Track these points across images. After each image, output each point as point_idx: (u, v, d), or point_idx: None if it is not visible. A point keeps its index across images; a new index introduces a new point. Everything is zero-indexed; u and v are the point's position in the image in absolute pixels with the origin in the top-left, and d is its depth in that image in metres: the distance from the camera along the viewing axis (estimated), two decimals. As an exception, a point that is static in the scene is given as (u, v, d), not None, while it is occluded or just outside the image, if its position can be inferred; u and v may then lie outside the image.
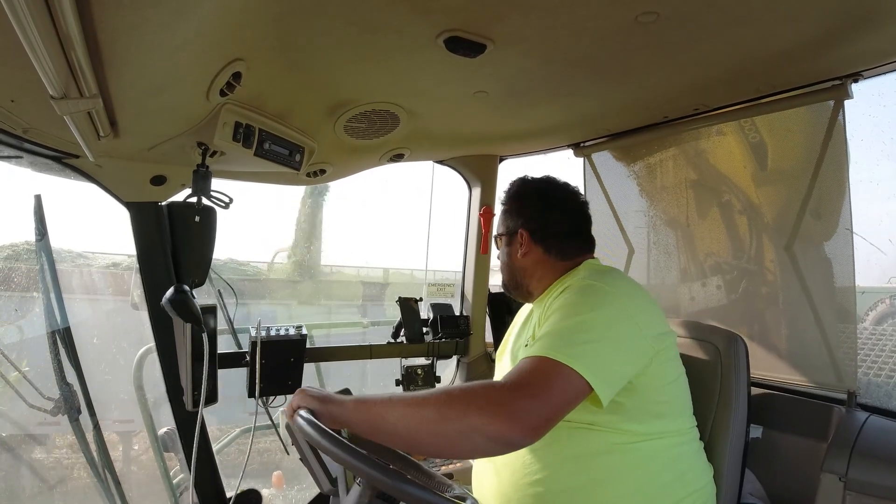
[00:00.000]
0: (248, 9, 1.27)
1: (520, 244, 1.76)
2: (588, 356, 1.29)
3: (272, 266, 13.48)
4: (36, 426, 3.48)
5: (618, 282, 1.51)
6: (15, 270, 4.19)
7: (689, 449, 1.55)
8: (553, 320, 1.40)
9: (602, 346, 1.33)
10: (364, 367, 4.78)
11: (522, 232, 1.76)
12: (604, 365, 1.31)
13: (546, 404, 1.23)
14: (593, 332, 1.34)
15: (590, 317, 1.37)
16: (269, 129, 1.90)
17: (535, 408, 1.22)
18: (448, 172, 3.16)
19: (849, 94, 1.89)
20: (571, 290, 1.49)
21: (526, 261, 1.76)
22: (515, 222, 1.79)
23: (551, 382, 1.25)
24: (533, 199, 1.80)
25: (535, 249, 1.75)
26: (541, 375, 1.26)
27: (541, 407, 1.23)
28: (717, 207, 2.50)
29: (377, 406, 1.29)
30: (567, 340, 1.31)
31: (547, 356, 1.28)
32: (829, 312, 2.07)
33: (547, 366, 1.27)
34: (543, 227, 1.75)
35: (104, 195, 2.06)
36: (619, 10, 1.42)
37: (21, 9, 0.76)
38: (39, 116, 1.46)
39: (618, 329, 1.39)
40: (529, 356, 1.31)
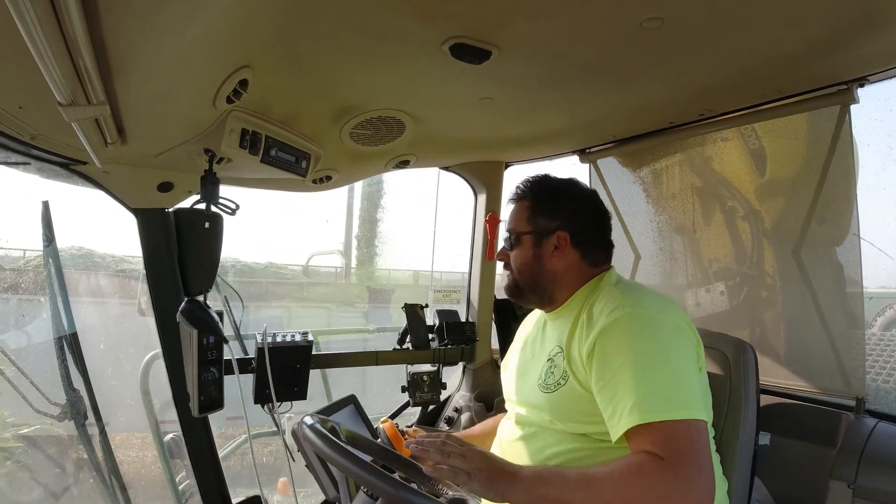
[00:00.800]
0: (255, 16, 1.27)
1: (555, 246, 1.66)
2: (694, 397, 1.33)
3: (307, 269, 13.54)
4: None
5: (660, 304, 1.49)
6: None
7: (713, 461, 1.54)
8: (633, 371, 1.34)
9: (691, 379, 1.36)
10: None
11: (561, 234, 1.65)
12: (693, 394, 1.34)
13: (707, 466, 1.26)
14: (682, 371, 1.36)
15: (669, 357, 1.37)
16: (276, 135, 1.90)
17: (708, 478, 1.24)
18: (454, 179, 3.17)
19: (855, 99, 1.89)
20: (624, 326, 1.41)
21: (559, 265, 1.66)
22: (550, 222, 1.67)
23: (700, 444, 1.27)
24: (568, 198, 1.70)
25: (571, 253, 1.66)
26: (689, 442, 1.27)
27: (705, 473, 1.25)
28: (723, 213, 2.49)
29: (552, 492, 1.27)
30: (674, 393, 1.31)
31: (673, 419, 1.28)
32: (836, 318, 2.06)
33: (682, 429, 1.28)
34: (581, 230, 1.67)
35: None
36: (623, 16, 1.42)
37: (29, 15, 0.77)
38: (47, 123, 1.47)
39: (688, 354, 1.42)
40: (652, 422, 1.28)
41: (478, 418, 2.96)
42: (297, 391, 2.45)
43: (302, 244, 24.36)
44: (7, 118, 1.40)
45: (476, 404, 3.06)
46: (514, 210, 1.75)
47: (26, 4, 0.74)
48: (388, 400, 3.40)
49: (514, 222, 1.73)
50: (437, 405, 3.11)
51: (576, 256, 1.66)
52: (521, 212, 1.72)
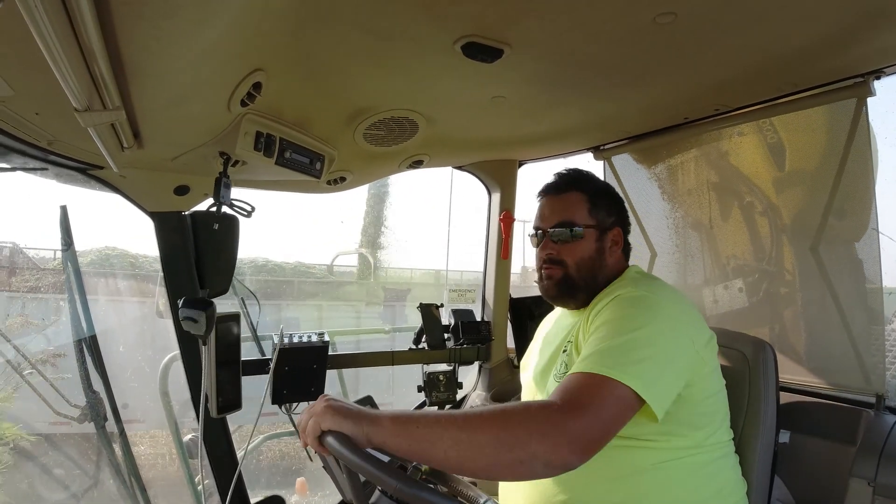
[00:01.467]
0: (267, 19, 1.28)
1: (612, 241, 1.67)
2: (641, 372, 1.25)
3: (332, 268, 13.67)
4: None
5: (665, 291, 1.48)
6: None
7: (727, 462, 1.52)
8: (603, 334, 1.34)
9: (655, 360, 1.29)
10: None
11: (618, 230, 1.68)
12: (656, 379, 1.27)
13: (599, 422, 1.19)
14: (647, 347, 1.30)
15: (642, 333, 1.33)
16: (290, 137, 1.92)
17: (590, 427, 1.18)
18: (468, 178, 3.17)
19: (871, 92, 1.86)
20: (621, 301, 1.43)
21: (613, 260, 1.66)
22: (610, 218, 1.67)
23: (605, 399, 1.21)
24: (618, 200, 1.73)
25: (618, 250, 1.68)
26: (593, 392, 1.21)
27: (595, 426, 1.18)
28: (739, 209, 2.47)
29: (421, 428, 1.16)
30: (620, 357, 1.27)
31: (598, 372, 1.23)
32: (856, 314, 2.03)
33: (599, 382, 1.23)
34: (625, 229, 1.71)
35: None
36: (636, 12, 1.41)
37: (43, 23, 0.78)
38: (64, 128, 1.48)
39: (670, 342, 1.35)
40: (579, 371, 1.26)
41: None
42: (314, 391, 2.46)
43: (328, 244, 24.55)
44: (24, 124, 1.41)
45: (492, 403, 3.06)
46: (565, 201, 1.67)
47: (41, 12, 0.75)
48: (404, 400, 3.41)
49: (571, 214, 1.65)
50: (454, 405, 3.11)
51: (620, 254, 1.69)
52: (577, 203, 1.66)
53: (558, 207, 1.67)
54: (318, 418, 1.17)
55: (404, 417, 1.18)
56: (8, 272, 6.54)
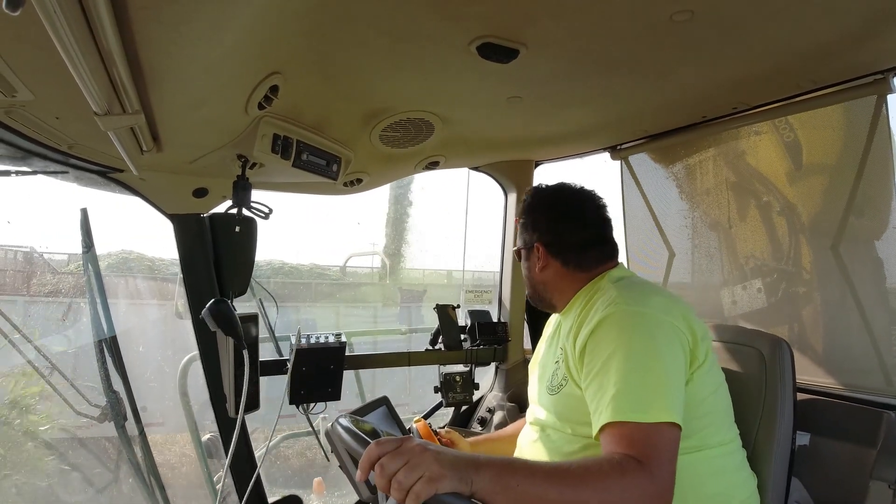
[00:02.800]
0: (283, 23, 1.29)
1: (537, 258, 1.72)
2: (671, 400, 1.29)
3: (344, 269, 13.76)
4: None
5: (651, 300, 1.46)
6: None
7: (732, 460, 1.51)
8: (615, 368, 1.33)
9: (672, 382, 1.33)
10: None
11: (538, 245, 1.71)
12: (679, 399, 1.32)
13: (673, 469, 1.25)
14: (662, 374, 1.32)
15: (650, 358, 1.34)
16: (307, 140, 1.93)
17: (670, 478, 1.23)
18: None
19: (891, 89, 1.84)
20: (611, 323, 1.41)
21: (545, 275, 1.72)
22: (531, 236, 1.74)
23: (668, 446, 1.26)
24: (546, 210, 1.75)
25: (552, 263, 1.70)
26: (657, 444, 1.25)
27: (671, 475, 1.24)
28: (759, 208, 2.44)
29: (522, 485, 1.15)
30: (651, 394, 1.29)
31: (648, 421, 1.26)
32: (877, 314, 2.00)
33: (656, 432, 1.26)
34: (559, 239, 1.70)
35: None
36: (652, 9, 1.40)
37: (63, 29, 0.79)
38: (84, 132, 1.50)
39: (673, 356, 1.37)
40: (627, 421, 1.27)
41: (510, 419, 2.95)
42: (331, 392, 2.47)
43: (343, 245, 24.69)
44: (45, 128, 1.43)
45: (509, 404, 3.05)
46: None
47: (60, 18, 0.76)
48: (422, 401, 3.41)
49: (516, 242, 1.84)
50: (470, 406, 3.11)
51: (557, 265, 1.70)
52: (517, 230, 1.83)
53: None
54: (436, 483, 1.09)
55: (505, 470, 1.17)
56: (25, 276, 6.64)
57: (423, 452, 1.11)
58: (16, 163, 1.70)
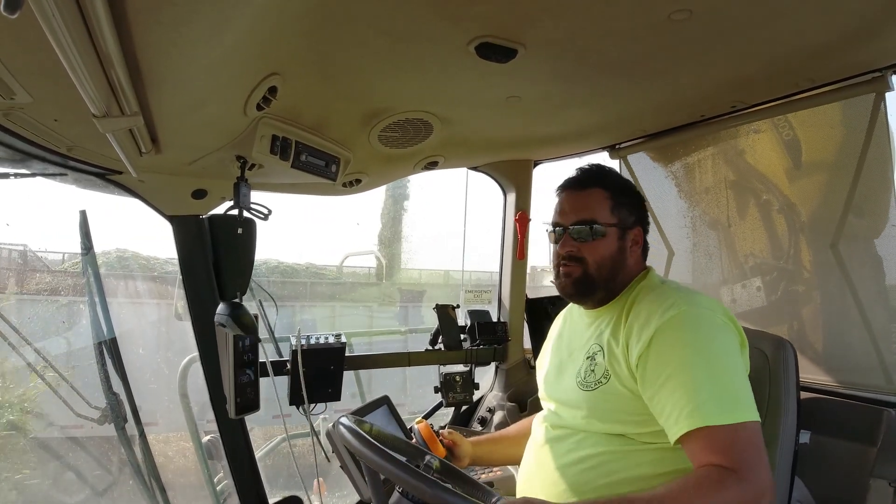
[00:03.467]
0: (282, 24, 1.29)
1: (633, 241, 1.64)
2: (749, 399, 1.33)
3: (341, 269, 13.76)
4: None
5: (701, 303, 1.46)
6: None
7: None
8: (692, 373, 1.33)
9: (745, 380, 1.37)
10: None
11: (638, 230, 1.66)
12: (752, 396, 1.35)
13: (765, 465, 1.27)
14: (737, 374, 1.36)
15: (726, 362, 1.36)
16: (306, 140, 1.93)
17: (765, 475, 1.26)
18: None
19: (890, 87, 1.84)
20: (681, 326, 1.40)
21: (628, 259, 1.63)
22: (631, 217, 1.64)
23: (756, 442, 1.29)
24: (639, 199, 1.71)
25: (639, 251, 1.67)
26: (746, 442, 1.27)
27: (766, 471, 1.26)
28: (758, 207, 2.44)
29: None
30: (733, 397, 1.32)
31: (735, 422, 1.28)
32: (877, 312, 2.01)
33: (741, 431, 1.28)
34: (645, 229, 1.70)
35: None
36: (651, 9, 1.40)
37: (61, 31, 0.79)
38: (82, 134, 1.50)
39: (738, 356, 1.41)
40: (716, 425, 1.28)
41: (511, 418, 2.95)
42: (332, 392, 2.47)
43: (340, 245, 24.68)
44: (44, 131, 1.43)
45: (509, 404, 3.05)
46: (587, 198, 1.63)
47: (58, 20, 0.76)
48: (423, 401, 3.41)
49: (593, 212, 1.61)
50: (470, 405, 3.11)
51: (639, 254, 1.68)
52: (600, 201, 1.62)
53: (579, 204, 1.62)
54: None
55: None
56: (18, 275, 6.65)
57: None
58: (14, 165, 1.70)
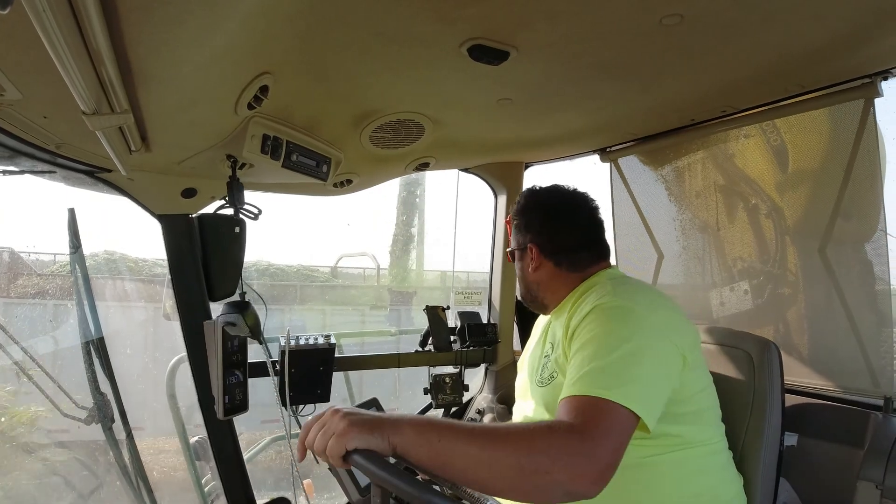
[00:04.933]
0: (274, 23, 1.29)
1: (531, 259, 1.74)
2: (637, 392, 1.26)
3: (336, 270, 13.69)
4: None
5: (644, 298, 1.47)
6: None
7: (718, 460, 1.52)
8: (592, 350, 1.34)
9: (647, 376, 1.30)
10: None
11: (531, 247, 1.74)
12: (649, 395, 1.29)
13: (615, 449, 1.20)
14: (638, 364, 1.31)
15: (631, 347, 1.32)
16: (297, 140, 1.92)
17: (611, 456, 1.18)
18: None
19: (879, 92, 1.86)
20: (602, 312, 1.42)
21: (538, 275, 1.74)
22: (524, 237, 1.77)
23: (614, 425, 1.22)
24: (539, 212, 1.77)
25: (545, 263, 1.72)
26: (604, 418, 1.22)
27: (614, 454, 1.19)
28: (747, 211, 2.46)
29: (444, 440, 1.14)
30: (616, 377, 1.27)
31: (601, 396, 1.23)
32: (864, 316, 2.02)
33: (606, 408, 1.22)
34: (552, 240, 1.72)
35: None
36: (642, 14, 1.41)
37: (51, 27, 0.78)
38: (72, 132, 1.49)
39: (656, 353, 1.36)
40: (582, 394, 1.25)
41: (500, 420, 2.95)
42: (321, 394, 2.46)
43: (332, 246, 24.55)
44: (33, 128, 1.42)
45: (499, 406, 3.05)
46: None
47: (49, 17, 0.76)
48: (409, 404, 3.40)
49: (509, 242, 1.87)
50: (460, 407, 3.11)
51: (550, 266, 1.73)
52: (510, 230, 1.85)
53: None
54: (343, 438, 1.11)
55: (427, 427, 1.16)
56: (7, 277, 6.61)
57: (333, 415, 1.15)
58: (3, 162, 1.69)
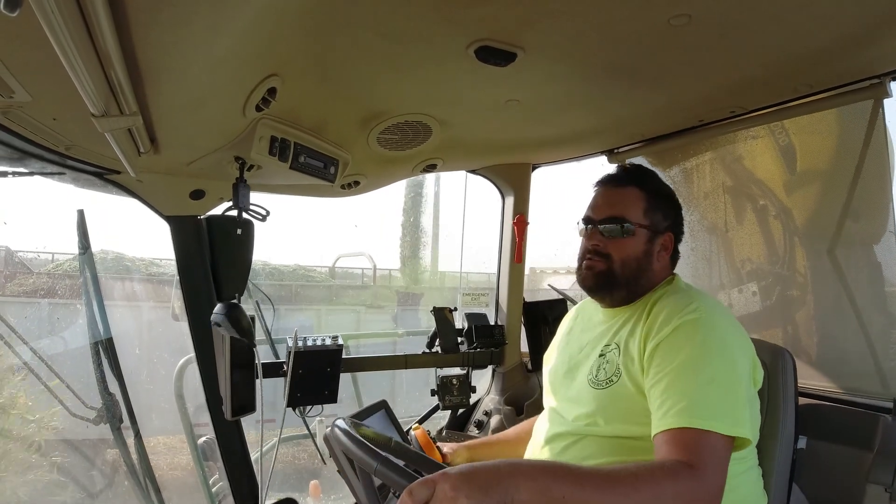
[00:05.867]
0: (282, 25, 1.29)
1: (662, 246, 1.64)
2: (738, 418, 1.30)
3: (333, 271, 13.65)
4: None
5: (721, 312, 1.48)
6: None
7: (749, 477, 1.51)
8: (689, 376, 1.32)
9: (741, 400, 1.34)
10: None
11: (669, 236, 1.66)
12: (745, 415, 1.33)
13: (721, 479, 1.24)
14: (736, 389, 1.33)
15: (727, 372, 1.34)
16: (304, 142, 1.92)
17: (718, 487, 1.22)
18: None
19: (888, 93, 1.84)
20: (688, 331, 1.39)
21: (659, 265, 1.64)
22: (664, 222, 1.65)
23: (721, 456, 1.26)
24: (676, 206, 1.72)
25: (667, 257, 1.67)
26: (712, 452, 1.25)
27: (720, 484, 1.23)
28: (755, 212, 2.45)
29: (569, 495, 1.08)
30: (717, 407, 1.29)
31: (707, 429, 1.25)
32: (873, 318, 2.01)
33: (712, 441, 1.25)
34: (679, 236, 1.71)
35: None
36: (650, 13, 1.40)
37: (61, 30, 0.79)
38: (81, 134, 1.50)
39: (742, 376, 1.38)
40: (689, 428, 1.26)
41: (507, 422, 2.95)
42: (328, 395, 2.46)
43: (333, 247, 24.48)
44: (42, 130, 1.43)
45: (506, 408, 3.05)
46: (621, 195, 1.65)
47: (58, 19, 0.76)
48: (418, 403, 3.40)
49: (625, 210, 1.62)
50: (467, 409, 3.10)
51: (667, 260, 1.68)
52: (635, 201, 1.64)
53: (613, 200, 1.65)
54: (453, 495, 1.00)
55: (549, 480, 1.09)
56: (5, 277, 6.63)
57: (443, 481, 1.01)
58: (13, 164, 1.70)
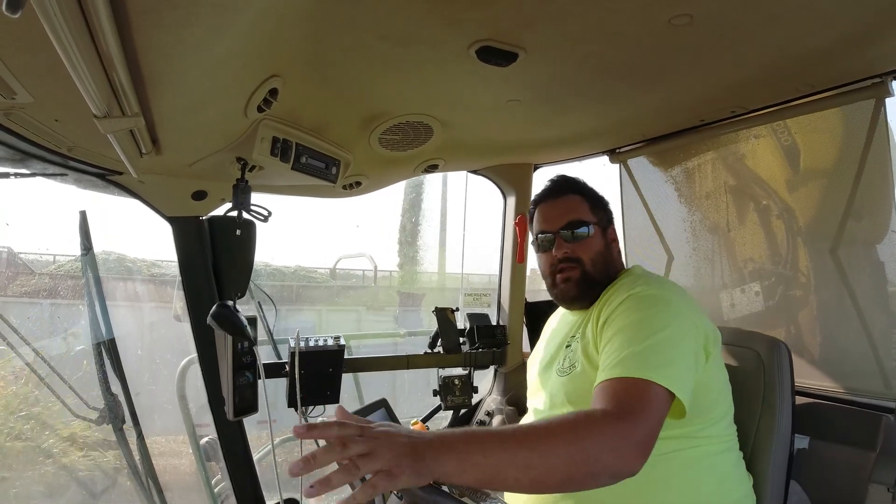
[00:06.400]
0: (283, 26, 1.29)
1: (612, 238, 1.78)
2: (674, 373, 1.30)
3: (334, 272, 13.64)
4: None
5: (675, 288, 1.56)
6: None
7: (728, 458, 1.53)
8: (630, 335, 1.38)
9: (681, 360, 1.35)
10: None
11: (613, 227, 1.80)
12: (686, 379, 1.33)
13: (653, 425, 1.23)
14: (673, 348, 1.35)
15: (668, 333, 1.37)
16: (306, 143, 1.93)
17: (649, 432, 1.21)
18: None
19: (890, 92, 1.84)
20: (639, 300, 1.47)
21: (615, 255, 1.78)
22: (605, 216, 1.79)
23: (653, 402, 1.26)
24: (606, 202, 1.83)
25: (617, 248, 1.80)
26: (643, 398, 1.25)
27: (652, 429, 1.22)
28: (757, 212, 2.45)
29: (489, 456, 1.08)
30: (653, 359, 1.31)
31: (640, 376, 1.27)
32: (876, 317, 2.01)
33: (643, 387, 1.27)
34: (614, 229, 1.83)
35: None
36: (651, 14, 1.41)
37: (62, 31, 0.79)
38: (83, 135, 1.50)
39: (689, 341, 1.40)
40: (621, 377, 1.29)
41: (509, 422, 2.95)
42: (330, 395, 2.46)
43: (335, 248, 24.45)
44: (44, 131, 1.43)
45: (508, 408, 3.05)
46: (568, 203, 1.75)
47: (60, 21, 0.76)
48: (420, 404, 3.40)
49: (578, 213, 1.73)
50: (469, 409, 3.10)
51: (618, 251, 1.80)
52: (580, 204, 1.75)
53: (563, 209, 1.74)
54: (390, 480, 1.00)
55: (466, 448, 1.09)
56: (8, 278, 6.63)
57: (389, 444, 1.02)
58: (15, 165, 1.70)
